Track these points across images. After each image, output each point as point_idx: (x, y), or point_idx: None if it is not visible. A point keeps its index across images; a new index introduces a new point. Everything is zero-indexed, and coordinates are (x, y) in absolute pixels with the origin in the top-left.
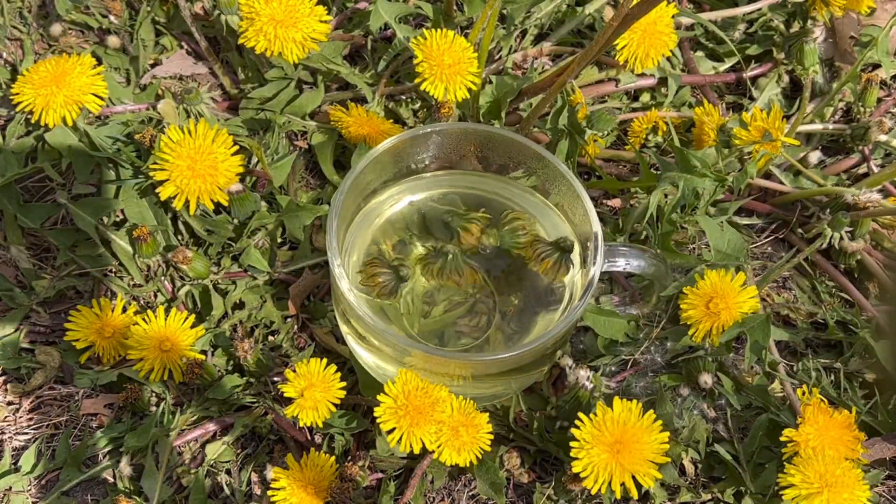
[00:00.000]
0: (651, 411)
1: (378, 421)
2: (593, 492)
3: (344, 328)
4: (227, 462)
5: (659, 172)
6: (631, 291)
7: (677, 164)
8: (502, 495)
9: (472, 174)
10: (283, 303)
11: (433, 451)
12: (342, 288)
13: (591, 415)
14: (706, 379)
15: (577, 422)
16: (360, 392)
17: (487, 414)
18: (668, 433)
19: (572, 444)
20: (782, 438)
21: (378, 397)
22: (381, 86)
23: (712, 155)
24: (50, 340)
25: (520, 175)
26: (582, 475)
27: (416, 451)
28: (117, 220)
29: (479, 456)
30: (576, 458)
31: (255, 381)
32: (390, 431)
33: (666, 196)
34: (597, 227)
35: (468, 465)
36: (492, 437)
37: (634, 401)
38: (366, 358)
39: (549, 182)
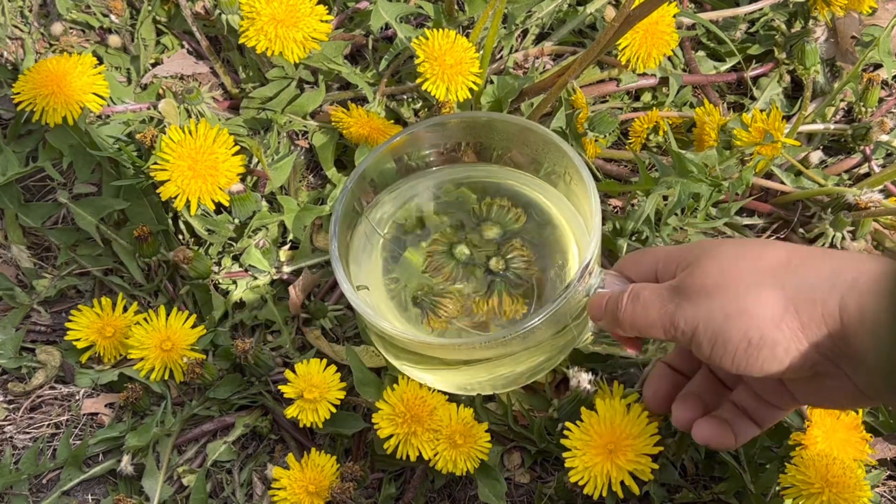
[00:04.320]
0: (636, 405)
1: (375, 428)
2: (595, 496)
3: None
4: (227, 462)
5: (657, 175)
6: None
7: (674, 167)
8: (503, 500)
9: (481, 165)
10: (284, 303)
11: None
12: (359, 309)
13: (578, 421)
14: None
15: (565, 431)
16: (357, 391)
17: (486, 423)
18: (656, 423)
19: (565, 454)
20: (790, 442)
21: (377, 404)
22: (381, 85)
23: (713, 156)
24: (51, 340)
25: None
26: (580, 483)
27: (413, 458)
28: (118, 219)
29: (477, 466)
30: (572, 468)
31: (255, 381)
32: (388, 438)
33: (665, 199)
34: (595, 202)
35: (464, 473)
36: (490, 446)
37: (617, 397)
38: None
39: (541, 154)
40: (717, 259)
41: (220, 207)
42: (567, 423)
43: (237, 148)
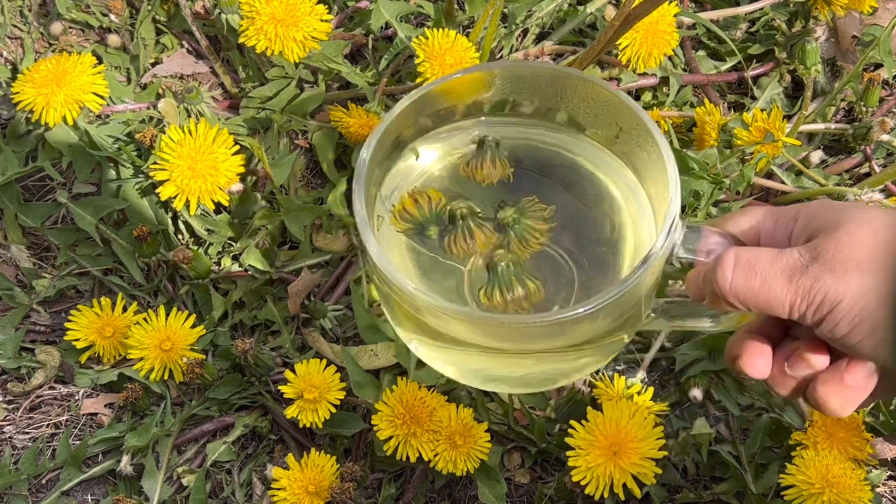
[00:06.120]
0: (643, 407)
1: (375, 429)
2: (596, 497)
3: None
4: (227, 462)
5: None
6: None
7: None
8: (503, 501)
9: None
10: (284, 303)
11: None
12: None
13: (583, 421)
14: (696, 394)
15: (570, 430)
16: (354, 392)
17: (486, 423)
18: (662, 427)
19: (569, 453)
20: (791, 441)
21: (376, 405)
22: (381, 85)
23: (714, 155)
24: (50, 340)
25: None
26: (582, 483)
27: (413, 459)
28: (118, 219)
29: (477, 466)
30: (575, 467)
31: (255, 381)
32: (388, 440)
33: None
34: (675, 190)
35: (464, 473)
36: (489, 446)
37: (623, 399)
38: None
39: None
40: (869, 227)
41: (219, 207)
42: (572, 423)
43: (237, 147)
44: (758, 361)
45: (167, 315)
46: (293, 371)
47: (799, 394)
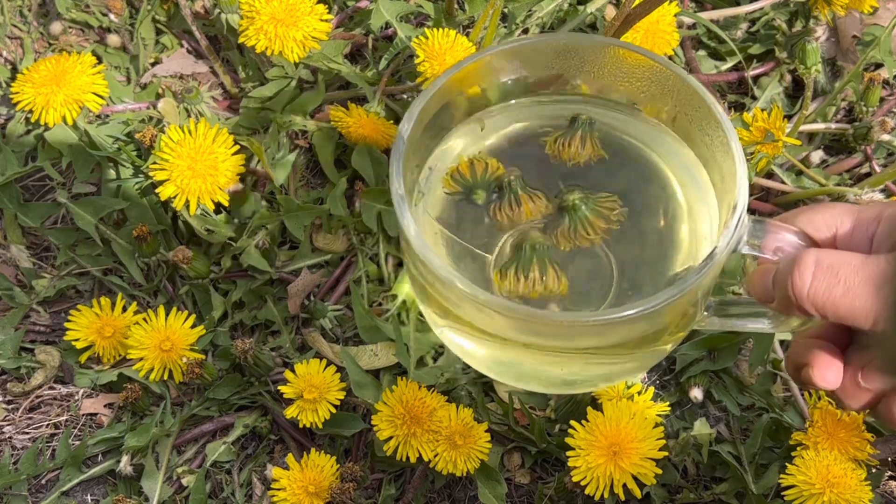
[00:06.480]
0: (643, 407)
1: (375, 429)
2: (596, 497)
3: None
4: (227, 462)
5: None
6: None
7: None
8: (503, 501)
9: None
10: (284, 303)
11: (429, 461)
12: (429, 260)
13: (584, 421)
14: (696, 394)
15: (570, 430)
16: (354, 392)
17: (486, 423)
18: (662, 427)
19: (569, 453)
20: (791, 441)
21: (376, 405)
22: (381, 85)
23: None
24: (50, 340)
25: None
26: (582, 483)
27: (413, 460)
28: (117, 219)
29: (477, 466)
30: (575, 467)
31: (255, 381)
32: (387, 440)
33: None
34: (742, 178)
35: (464, 474)
36: (489, 447)
37: (624, 399)
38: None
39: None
40: None
41: (219, 207)
42: (572, 423)
43: (237, 147)
44: (829, 373)
45: (167, 315)
46: (293, 371)
47: (869, 406)
